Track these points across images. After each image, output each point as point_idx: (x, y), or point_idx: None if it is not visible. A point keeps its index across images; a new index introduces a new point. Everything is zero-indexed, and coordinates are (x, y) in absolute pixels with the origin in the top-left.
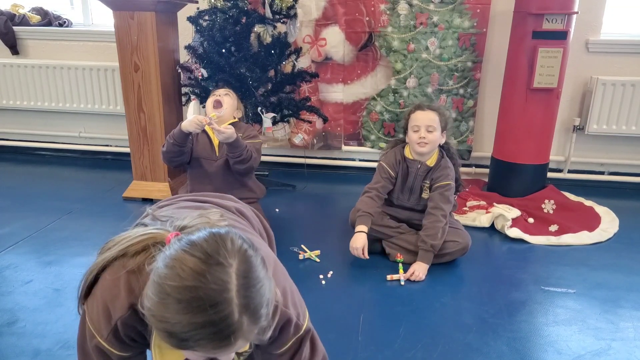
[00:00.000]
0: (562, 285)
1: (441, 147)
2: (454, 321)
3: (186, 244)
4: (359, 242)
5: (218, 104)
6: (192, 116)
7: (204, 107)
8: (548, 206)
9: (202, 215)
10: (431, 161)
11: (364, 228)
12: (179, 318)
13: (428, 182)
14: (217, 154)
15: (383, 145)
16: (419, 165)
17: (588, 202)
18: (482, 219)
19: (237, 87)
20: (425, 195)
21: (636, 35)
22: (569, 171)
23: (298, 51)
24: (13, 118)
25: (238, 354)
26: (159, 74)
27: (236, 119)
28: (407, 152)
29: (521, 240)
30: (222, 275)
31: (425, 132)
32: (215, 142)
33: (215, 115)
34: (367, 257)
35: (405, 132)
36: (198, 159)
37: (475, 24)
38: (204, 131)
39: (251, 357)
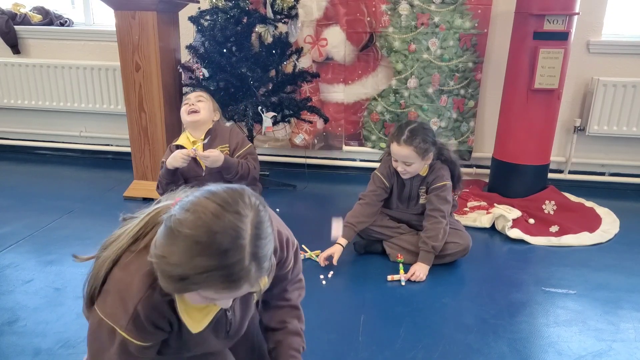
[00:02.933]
0: (562, 286)
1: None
2: (455, 322)
3: (207, 193)
4: (329, 250)
5: (194, 113)
6: (175, 153)
7: None
8: (549, 207)
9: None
10: (423, 171)
11: (342, 240)
12: (194, 261)
13: (424, 187)
14: (203, 168)
15: (384, 145)
16: (413, 177)
17: (589, 203)
18: (482, 220)
19: (238, 87)
20: (423, 200)
21: (637, 37)
22: (570, 172)
23: (299, 51)
24: (14, 117)
25: (252, 293)
26: (160, 73)
27: (214, 121)
28: None
29: (522, 241)
30: (239, 223)
31: (404, 165)
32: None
33: (199, 145)
34: (324, 264)
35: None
36: (187, 179)
37: (476, 24)
38: (185, 148)
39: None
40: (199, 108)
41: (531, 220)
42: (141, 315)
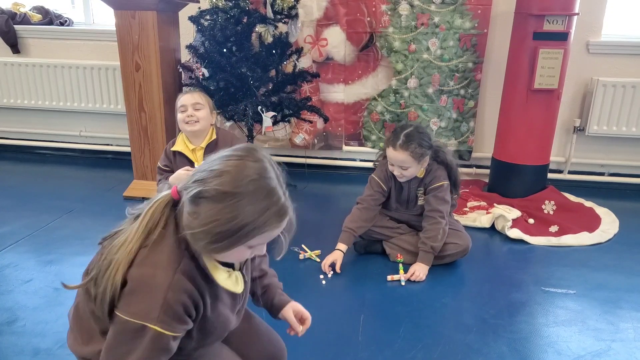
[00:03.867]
0: (562, 286)
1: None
2: (455, 322)
3: (221, 157)
4: (330, 257)
5: (193, 123)
6: (178, 172)
7: None
8: (548, 207)
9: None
10: (420, 173)
11: (342, 246)
12: (246, 210)
13: (422, 188)
14: None
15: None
16: (410, 180)
17: (588, 203)
18: (482, 220)
19: (238, 87)
20: (421, 202)
21: (636, 37)
22: (570, 172)
23: (299, 51)
24: (14, 117)
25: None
26: (160, 73)
27: (212, 125)
28: None
29: (521, 241)
30: (265, 165)
31: (400, 170)
32: (198, 164)
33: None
34: (329, 272)
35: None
36: None
37: (476, 24)
38: (184, 155)
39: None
40: (198, 118)
41: (531, 220)
42: (172, 302)
